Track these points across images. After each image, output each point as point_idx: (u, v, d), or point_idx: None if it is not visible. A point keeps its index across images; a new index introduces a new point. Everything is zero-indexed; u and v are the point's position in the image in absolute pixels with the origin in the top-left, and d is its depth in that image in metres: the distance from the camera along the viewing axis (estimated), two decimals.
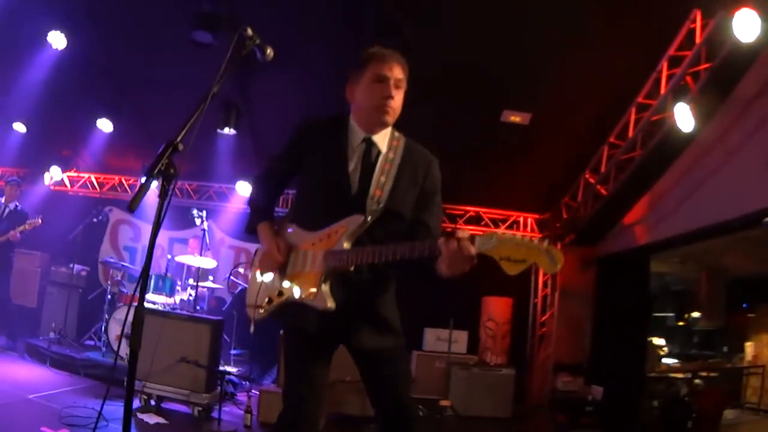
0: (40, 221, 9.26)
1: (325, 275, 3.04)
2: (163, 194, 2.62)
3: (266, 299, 3.28)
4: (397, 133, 3.30)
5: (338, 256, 3.01)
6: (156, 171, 2.56)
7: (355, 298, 3.10)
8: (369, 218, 3.05)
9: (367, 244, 3.02)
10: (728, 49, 6.04)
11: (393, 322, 3.24)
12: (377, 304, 3.20)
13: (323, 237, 3.12)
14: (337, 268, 3.03)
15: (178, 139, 2.66)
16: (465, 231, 2.66)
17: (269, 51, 3.20)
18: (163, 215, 2.59)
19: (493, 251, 2.55)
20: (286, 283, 3.22)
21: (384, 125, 3.21)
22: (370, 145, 3.21)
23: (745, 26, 5.53)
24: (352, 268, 3.02)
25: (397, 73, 3.14)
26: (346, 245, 3.02)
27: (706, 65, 6.32)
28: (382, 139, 3.24)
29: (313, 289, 3.05)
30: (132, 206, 2.52)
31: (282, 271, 3.26)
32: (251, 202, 3.59)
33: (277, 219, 3.49)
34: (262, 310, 3.30)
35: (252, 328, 3.41)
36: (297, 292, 3.14)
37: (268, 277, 3.33)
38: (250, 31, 3.10)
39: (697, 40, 6.32)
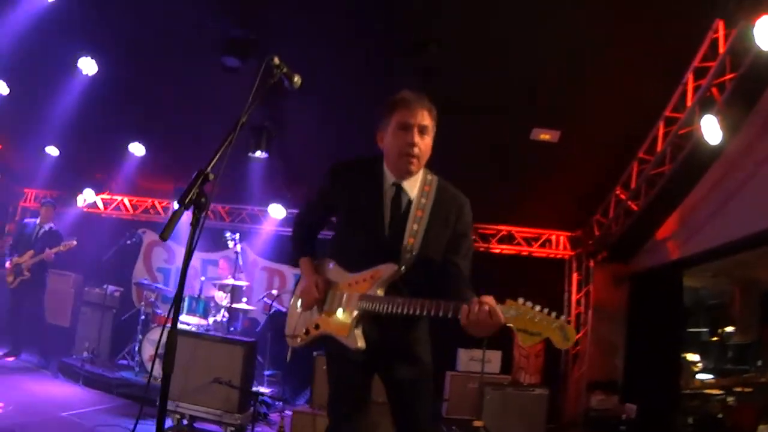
0: (75, 243, 9.42)
1: (357, 320, 3.20)
2: (195, 223, 2.66)
3: (304, 330, 3.45)
4: (429, 176, 3.37)
5: (371, 302, 3.16)
6: (188, 200, 2.61)
7: (387, 334, 3.26)
8: (402, 268, 3.18)
9: (401, 288, 3.17)
10: (752, 58, 5.99)
11: (422, 355, 3.40)
12: (408, 340, 3.37)
13: (359, 280, 3.26)
14: (369, 312, 3.18)
15: (209, 168, 2.72)
16: (491, 298, 2.81)
17: (297, 79, 3.25)
18: (195, 243, 2.64)
19: (512, 321, 2.75)
20: (322, 318, 3.38)
21: (409, 173, 3.28)
22: (399, 191, 3.29)
23: (767, 33, 5.46)
24: (383, 314, 3.13)
25: (422, 119, 3.19)
26: (380, 292, 3.18)
27: (731, 75, 6.27)
28: (413, 184, 3.31)
29: (346, 330, 3.21)
30: (164, 236, 2.58)
31: (320, 307, 3.40)
32: (293, 238, 3.72)
33: (320, 254, 3.62)
34: (299, 340, 3.47)
35: (288, 356, 3.53)
36: (331, 329, 3.31)
37: (308, 310, 3.48)
38: (277, 60, 3.14)
39: (721, 50, 6.30)
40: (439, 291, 3.08)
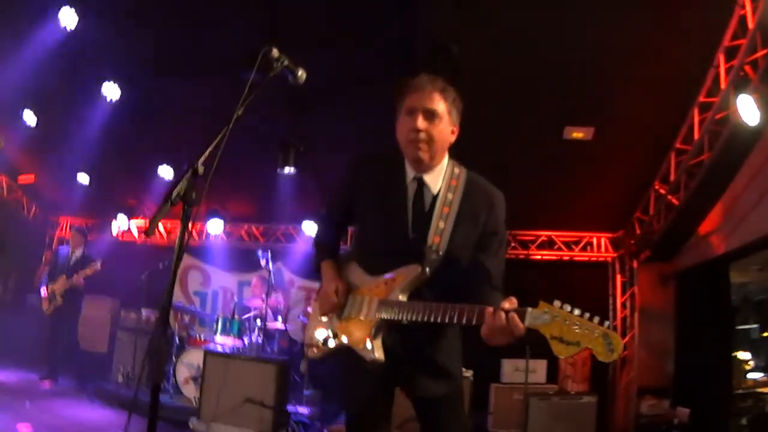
0: (99, 266, 9.49)
1: (375, 329, 2.94)
2: (184, 219, 2.51)
3: (322, 339, 3.18)
4: (457, 169, 3.09)
5: (392, 308, 2.89)
6: (175, 195, 2.44)
7: (409, 343, 2.98)
8: (427, 270, 2.90)
9: (425, 292, 2.91)
10: None
11: (449, 367, 3.09)
12: (433, 350, 3.05)
13: (380, 284, 3.00)
14: (389, 319, 2.91)
15: (199, 162, 2.55)
16: (513, 301, 2.55)
17: (300, 72, 3.06)
18: (187, 240, 2.50)
19: (544, 329, 2.42)
20: (340, 326, 3.12)
21: (418, 161, 2.99)
22: (421, 185, 3.03)
23: None
24: (404, 322, 2.87)
25: (429, 102, 2.91)
26: (402, 297, 2.91)
27: (763, 51, 5.97)
28: (436, 178, 3.04)
29: (364, 339, 2.95)
30: (148, 232, 2.44)
31: (339, 313, 3.14)
32: (315, 241, 3.50)
33: (342, 255, 3.39)
34: (315, 350, 3.20)
35: (303, 366, 3.34)
36: (348, 338, 3.05)
37: (326, 317, 3.22)
38: (276, 52, 2.96)
39: (750, 25, 6.02)
40: (466, 295, 2.78)
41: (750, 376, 9.46)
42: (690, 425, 8.10)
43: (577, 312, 2.41)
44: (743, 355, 9.58)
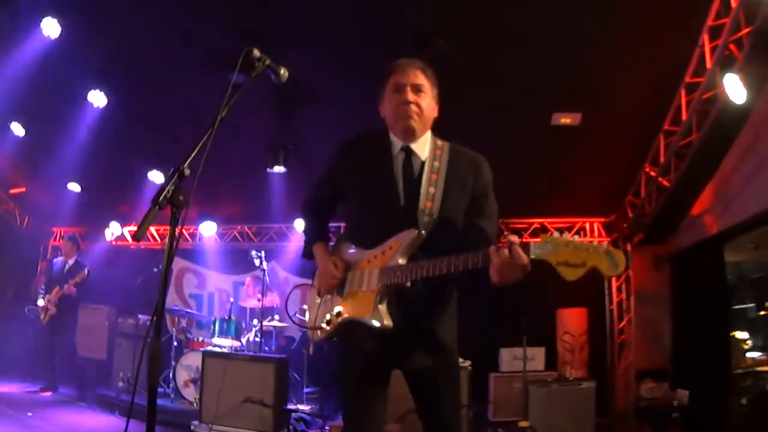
0: (86, 273, 9.49)
1: (380, 294, 2.96)
2: (173, 222, 2.52)
3: (325, 320, 3.21)
4: (439, 141, 3.26)
5: (394, 272, 2.93)
6: (162, 198, 2.45)
7: (411, 317, 3.01)
8: (423, 232, 2.98)
9: (422, 258, 2.92)
10: (766, 7, 5.67)
11: (446, 342, 3.14)
12: (434, 324, 3.10)
13: (378, 254, 3.05)
14: (393, 284, 2.95)
15: (185, 164, 2.55)
16: (515, 237, 2.58)
17: (283, 71, 3.08)
18: (177, 242, 2.52)
19: (549, 257, 2.47)
20: (343, 303, 3.16)
21: (410, 130, 3.15)
22: (409, 153, 3.17)
23: None
24: (408, 284, 2.93)
25: (414, 78, 3.14)
26: (401, 261, 2.95)
27: (747, 29, 5.95)
28: (422, 147, 3.20)
29: (370, 308, 2.96)
30: (137, 236, 2.45)
31: (340, 291, 3.19)
32: (305, 230, 3.58)
33: (335, 241, 3.45)
34: (320, 332, 3.24)
35: (311, 349, 3.36)
36: (354, 312, 3.07)
37: (327, 297, 3.26)
38: (257, 52, 2.98)
39: (733, 4, 6.02)
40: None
41: (749, 355, 9.51)
42: (690, 407, 8.10)
43: (576, 238, 2.48)
44: (741, 334, 9.62)
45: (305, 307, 10.09)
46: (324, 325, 3.20)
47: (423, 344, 3.06)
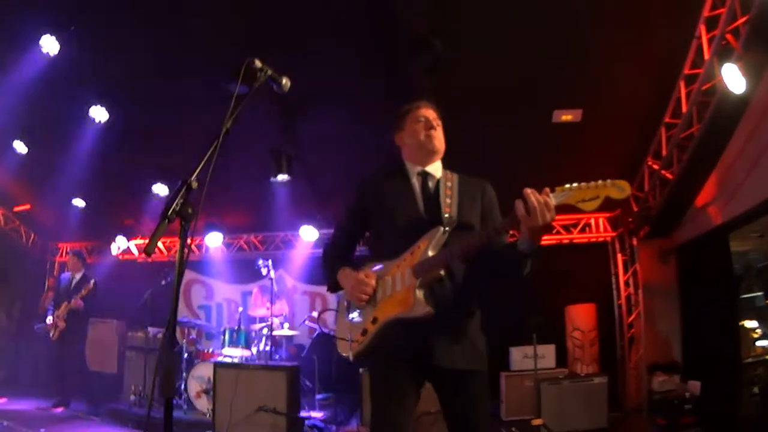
0: (92, 285, 9.55)
1: (418, 284, 3.12)
2: (182, 235, 2.53)
3: (360, 331, 3.31)
4: (449, 172, 3.58)
5: (427, 264, 3.13)
6: (171, 211, 2.47)
7: (441, 318, 3.11)
8: (447, 228, 3.21)
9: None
10: None
11: (478, 344, 3.29)
12: (463, 324, 3.26)
13: (407, 257, 3.24)
14: (427, 275, 3.13)
15: (192, 177, 2.58)
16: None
17: (285, 81, 3.15)
18: (187, 256, 2.53)
19: (569, 199, 2.92)
20: (379, 309, 3.28)
21: (434, 152, 3.55)
22: (425, 176, 3.51)
23: None
24: (442, 272, 3.15)
25: (432, 113, 3.58)
26: (431, 253, 3.15)
27: (743, 19, 5.98)
28: (436, 170, 3.55)
29: (410, 301, 3.12)
30: (148, 250, 2.48)
31: (372, 301, 3.31)
32: (325, 261, 3.68)
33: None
34: (358, 344, 3.32)
35: (351, 358, 3.39)
36: (393, 311, 3.20)
37: (358, 312, 3.38)
38: (259, 63, 3.02)
39: None
40: (485, 258, 3.22)
41: (759, 344, 9.49)
42: (702, 398, 8.10)
43: (583, 183, 2.92)
44: (750, 323, 9.60)
45: (314, 313, 10.18)
46: (360, 336, 3.29)
47: (459, 346, 3.18)
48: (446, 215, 3.28)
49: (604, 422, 8.25)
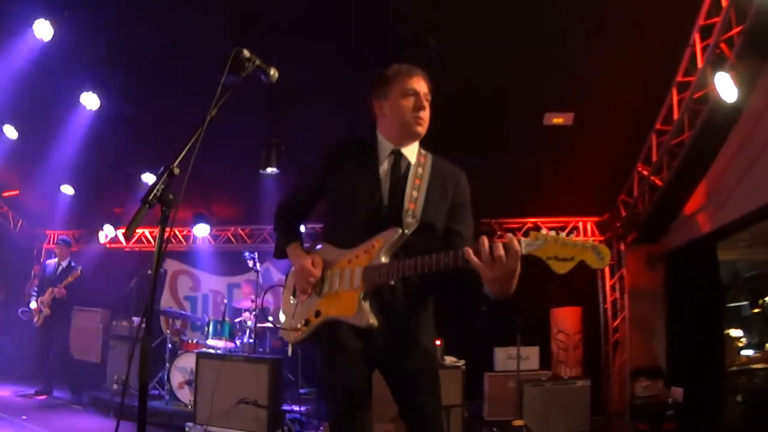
0: (79, 272, 9.55)
1: (365, 293, 2.95)
2: (163, 221, 2.54)
3: (303, 321, 3.16)
4: (423, 150, 3.31)
5: (378, 271, 2.92)
6: (152, 197, 2.47)
7: (392, 320, 3.01)
8: (406, 231, 2.99)
9: (403, 258, 2.89)
10: (755, 8, 5.70)
11: (425, 344, 3.16)
12: (412, 326, 3.11)
13: (360, 253, 3.02)
14: (377, 283, 2.94)
15: (175, 163, 2.59)
16: (509, 235, 2.64)
17: (273, 72, 3.13)
18: (166, 243, 2.54)
19: (539, 252, 2.54)
20: (322, 303, 3.12)
21: (416, 136, 3.22)
22: (398, 156, 3.21)
23: None
24: (392, 282, 2.95)
25: (424, 87, 3.20)
26: (384, 259, 2.94)
27: (738, 29, 5.98)
28: (411, 152, 3.24)
29: (354, 307, 2.94)
30: (127, 234, 2.46)
31: (318, 291, 3.16)
32: (276, 228, 3.51)
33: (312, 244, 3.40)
34: (298, 333, 3.18)
35: (290, 351, 3.33)
36: (336, 311, 3.03)
37: (302, 297, 3.22)
38: (247, 53, 3.00)
39: (723, 3, 6.05)
40: (445, 276, 2.86)
41: (743, 353, 9.53)
42: (685, 404, 8.13)
43: (563, 234, 2.55)
44: (735, 332, 9.64)
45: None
46: (302, 326, 3.16)
47: (405, 348, 3.07)
48: (409, 213, 3.03)
49: (586, 426, 8.27)
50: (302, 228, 3.63)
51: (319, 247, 3.25)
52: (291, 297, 3.31)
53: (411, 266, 2.81)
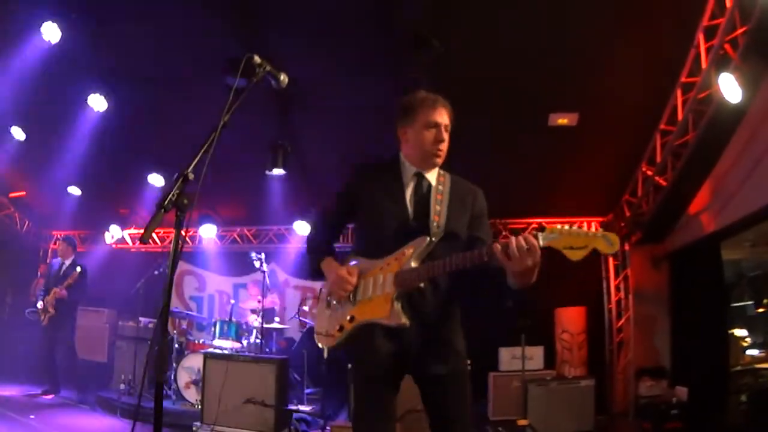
0: (77, 272, 9.50)
1: (397, 295, 3.14)
2: (178, 225, 2.59)
3: (337, 327, 3.35)
4: (441, 171, 3.52)
5: (408, 275, 3.13)
6: (167, 202, 2.52)
7: (421, 322, 3.17)
8: (433, 239, 3.20)
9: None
10: (759, 9, 5.70)
11: (457, 347, 3.32)
12: (441, 328, 3.27)
13: (391, 261, 3.23)
14: (408, 286, 3.14)
15: (189, 169, 2.64)
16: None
17: (283, 77, 3.21)
18: (181, 246, 2.58)
19: (556, 243, 2.82)
20: (356, 309, 3.30)
21: (435, 166, 3.46)
22: (421, 178, 3.43)
23: None
24: (422, 285, 3.14)
25: (446, 119, 3.39)
26: (414, 264, 3.16)
27: (742, 29, 5.98)
28: (432, 175, 3.47)
29: (387, 309, 3.14)
30: (143, 238, 2.55)
31: (352, 298, 3.34)
32: (310, 245, 3.69)
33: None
34: (334, 339, 3.38)
35: (325, 354, 3.46)
36: (369, 315, 3.23)
37: (337, 306, 3.41)
38: (258, 59, 3.07)
39: (728, 4, 6.04)
40: (472, 275, 3.15)
41: (748, 352, 9.52)
42: (689, 404, 8.14)
43: (575, 226, 2.82)
44: (740, 332, 9.62)
45: (305, 308, 10.17)
46: (336, 331, 3.34)
47: (437, 351, 3.22)
48: (434, 223, 3.26)
49: (590, 425, 8.29)
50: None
51: (353, 263, 3.41)
52: (326, 307, 3.48)
53: (440, 266, 3.04)
